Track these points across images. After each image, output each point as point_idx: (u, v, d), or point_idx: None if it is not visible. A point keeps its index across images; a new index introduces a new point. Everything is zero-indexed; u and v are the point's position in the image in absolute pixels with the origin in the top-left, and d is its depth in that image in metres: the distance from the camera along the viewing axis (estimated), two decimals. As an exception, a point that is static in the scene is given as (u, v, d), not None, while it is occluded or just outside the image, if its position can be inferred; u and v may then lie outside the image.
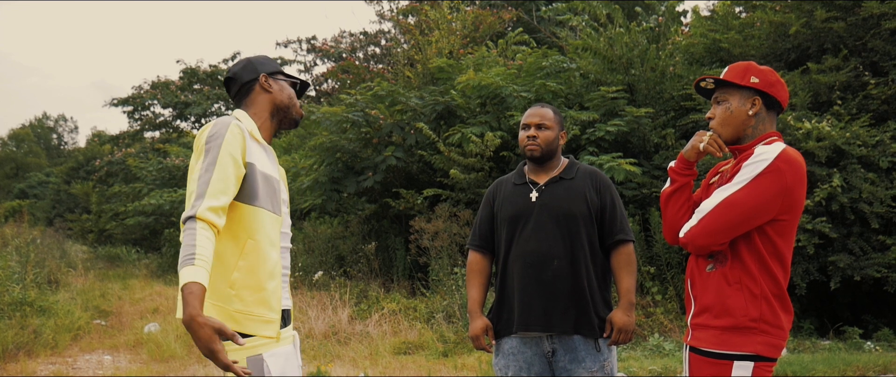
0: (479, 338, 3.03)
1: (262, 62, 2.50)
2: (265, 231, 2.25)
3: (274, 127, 2.48)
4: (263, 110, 2.45)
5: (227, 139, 2.19)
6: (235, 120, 2.30)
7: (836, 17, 9.32)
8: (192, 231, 2.05)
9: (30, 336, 7.63)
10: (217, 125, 2.24)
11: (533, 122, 3.06)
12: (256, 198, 2.24)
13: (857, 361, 6.54)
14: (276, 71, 2.50)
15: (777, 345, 2.33)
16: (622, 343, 2.91)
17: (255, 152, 2.30)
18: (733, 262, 2.37)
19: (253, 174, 2.25)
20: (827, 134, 8.11)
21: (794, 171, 2.34)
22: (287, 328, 2.37)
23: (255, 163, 2.27)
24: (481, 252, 3.13)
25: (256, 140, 2.35)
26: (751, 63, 2.52)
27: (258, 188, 2.25)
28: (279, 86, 2.47)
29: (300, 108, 2.53)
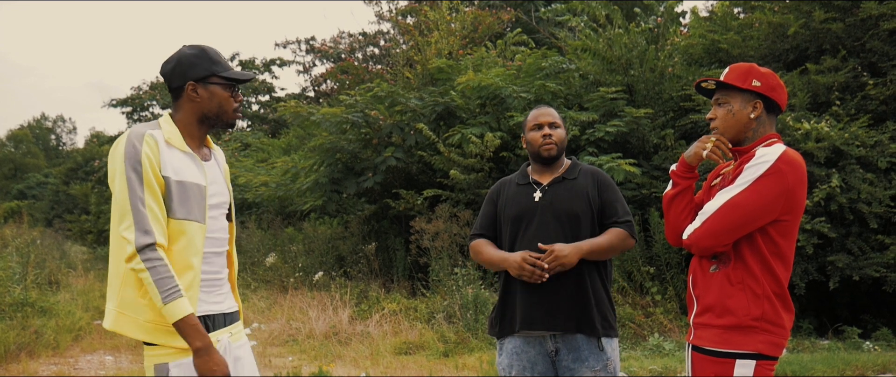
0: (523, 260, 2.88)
1: (194, 64, 2.40)
2: (182, 242, 2.29)
3: (203, 131, 2.46)
4: (190, 117, 2.42)
5: (144, 155, 2.24)
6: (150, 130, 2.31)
7: (834, 17, 9.36)
8: (161, 262, 2.20)
9: (31, 336, 7.64)
10: (130, 140, 2.26)
11: (546, 122, 3.08)
12: (172, 211, 2.28)
13: (856, 361, 6.57)
14: (207, 75, 2.40)
15: (779, 343, 2.36)
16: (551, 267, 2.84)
17: (172, 161, 2.30)
18: (736, 263, 2.40)
19: (168, 186, 2.28)
20: (826, 134, 8.14)
21: (796, 173, 2.37)
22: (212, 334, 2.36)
23: (170, 175, 2.28)
24: (484, 238, 3.14)
25: (176, 147, 2.34)
26: (752, 65, 2.54)
27: (173, 199, 2.28)
28: (209, 93, 2.40)
29: (235, 112, 2.46)
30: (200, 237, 2.34)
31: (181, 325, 2.20)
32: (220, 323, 2.42)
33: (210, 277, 2.41)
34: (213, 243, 2.41)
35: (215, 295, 2.43)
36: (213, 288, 2.42)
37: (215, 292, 2.43)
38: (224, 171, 2.56)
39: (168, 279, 2.19)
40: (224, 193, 2.50)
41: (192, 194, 2.33)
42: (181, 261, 2.28)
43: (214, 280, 2.43)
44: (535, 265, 2.84)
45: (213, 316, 2.40)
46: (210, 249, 2.40)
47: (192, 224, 2.31)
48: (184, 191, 2.30)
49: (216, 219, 2.44)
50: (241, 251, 13.50)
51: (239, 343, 2.51)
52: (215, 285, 2.43)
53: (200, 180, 2.37)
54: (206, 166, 2.43)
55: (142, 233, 2.19)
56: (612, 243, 2.95)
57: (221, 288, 2.47)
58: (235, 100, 2.46)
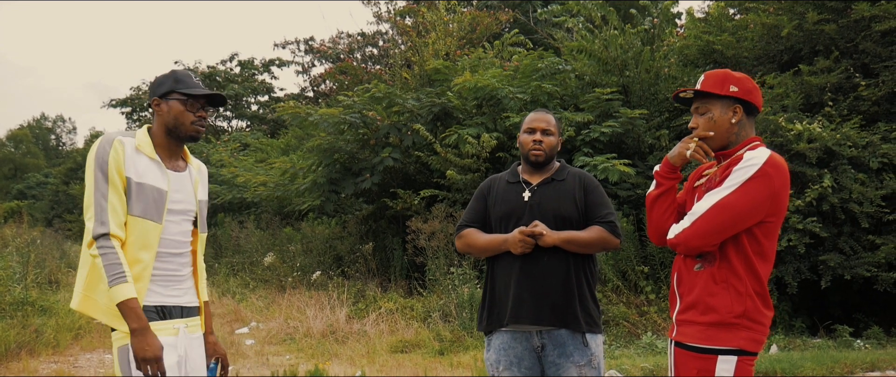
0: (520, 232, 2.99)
1: (160, 83, 2.71)
2: (136, 236, 2.54)
3: (174, 143, 2.73)
4: (159, 129, 2.71)
5: (111, 156, 2.53)
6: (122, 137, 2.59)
7: (827, 19, 9.44)
8: (112, 250, 2.47)
9: (31, 335, 7.72)
10: (102, 143, 2.57)
11: (539, 127, 3.17)
12: (130, 208, 2.55)
13: (845, 359, 6.66)
14: (168, 91, 2.68)
15: (759, 340, 2.44)
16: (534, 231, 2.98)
17: (136, 165, 2.58)
18: (721, 262, 2.48)
19: (129, 186, 2.56)
20: (818, 135, 8.22)
21: (781, 176, 2.45)
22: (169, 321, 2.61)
23: (132, 176, 2.55)
24: (473, 226, 3.23)
25: (144, 154, 2.62)
26: (727, 71, 2.61)
27: (131, 198, 2.55)
28: (168, 106, 2.67)
29: (194, 124, 2.70)
30: (154, 235, 2.58)
31: (122, 307, 2.44)
32: (177, 314, 2.66)
33: (166, 274, 2.64)
34: (170, 244, 2.65)
35: (172, 289, 2.66)
36: (171, 283, 2.66)
37: (173, 287, 2.67)
38: (194, 183, 2.79)
39: (116, 265, 2.45)
40: (189, 202, 2.73)
41: (150, 196, 2.58)
42: (132, 252, 2.54)
43: (170, 277, 2.66)
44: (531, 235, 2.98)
45: (169, 307, 2.64)
46: (166, 249, 2.63)
47: (147, 222, 2.57)
48: (143, 192, 2.57)
49: (176, 223, 2.67)
50: (240, 251, 13.57)
51: (194, 335, 2.73)
52: (173, 281, 2.67)
53: (162, 185, 2.63)
54: (173, 175, 2.69)
55: (99, 223, 2.49)
56: (591, 238, 3.04)
57: (181, 284, 2.70)
58: (196, 115, 2.70)
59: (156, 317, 2.56)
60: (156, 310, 2.58)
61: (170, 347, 2.57)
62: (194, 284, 2.78)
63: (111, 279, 2.44)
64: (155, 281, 2.59)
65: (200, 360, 2.73)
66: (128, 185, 2.55)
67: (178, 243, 2.68)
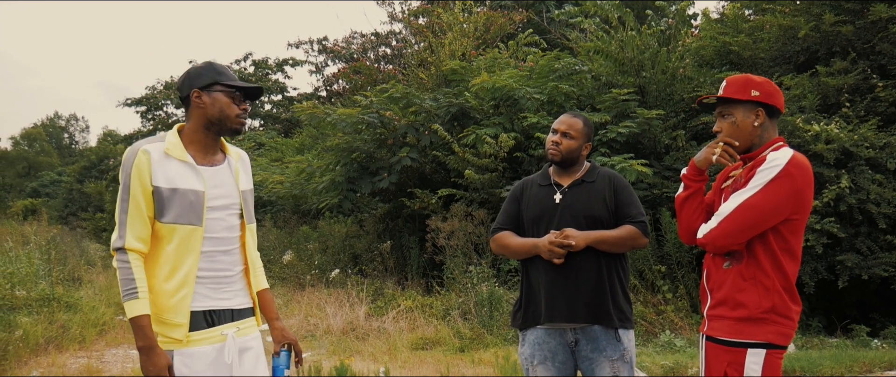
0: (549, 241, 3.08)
1: (200, 74, 2.60)
2: (176, 242, 2.49)
3: (211, 137, 2.62)
4: (197, 123, 2.60)
5: (134, 168, 2.46)
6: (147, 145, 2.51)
7: (844, 20, 9.48)
8: (127, 264, 2.43)
9: (58, 330, 7.85)
10: (128, 154, 2.50)
11: (560, 129, 3.28)
12: (163, 215, 2.48)
13: (863, 358, 6.71)
14: (210, 83, 2.57)
15: (787, 333, 2.54)
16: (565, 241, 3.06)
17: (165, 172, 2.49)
18: (749, 260, 2.57)
19: (159, 194, 2.47)
20: (835, 136, 8.26)
21: (804, 175, 2.54)
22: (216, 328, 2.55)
23: (162, 184, 2.47)
24: (507, 228, 3.32)
25: (174, 157, 2.52)
26: (748, 76, 2.71)
27: (164, 205, 2.47)
28: (211, 99, 2.57)
29: (238, 117, 2.61)
30: (196, 238, 2.51)
31: (132, 323, 2.42)
32: (227, 318, 2.60)
33: (214, 275, 2.58)
34: (215, 243, 2.58)
35: (222, 291, 2.60)
36: (220, 285, 2.59)
37: (223, 289, 2.60)
38: (235, 173, 2.68)
39: (129, 281, 2.41)
40: (231, 196, 2.64)
41: (186, 200, 2.50)
42: (174, 259, 2.49)
43: (221, 277, 2.60)
44: (561, 244, 3.05)
45: (219, 311, 2.58)
46: (213, 248, 2.57)
47: (184, 227, 2.50)
48: (177, 197, 2.49)
49: (220, 219, 2.59)
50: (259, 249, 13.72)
51: (247, 337, 2.67)
52: (223, 282, 2.60)
53: (197, 186, 2.54)
54: (208, 172, 2.59)
55: (118, 237, 2.46)
56: (622, 237, 3.13)
57: (232, 285, 2.63)
58: (239, 107, 2.62)
59: (203, 325, 2.52)
60: (204, 315, 2.53)
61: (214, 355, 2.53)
62: (246, 284, 2.70)
63: (124, 294, 2.41)
64: (202, 283, 2.53)
65: (257, 359, 2.67)
66: (157, 193, 2.48)
67: (225, 240, 2.59)
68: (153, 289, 2.47)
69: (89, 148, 50.37)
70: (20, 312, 7.95)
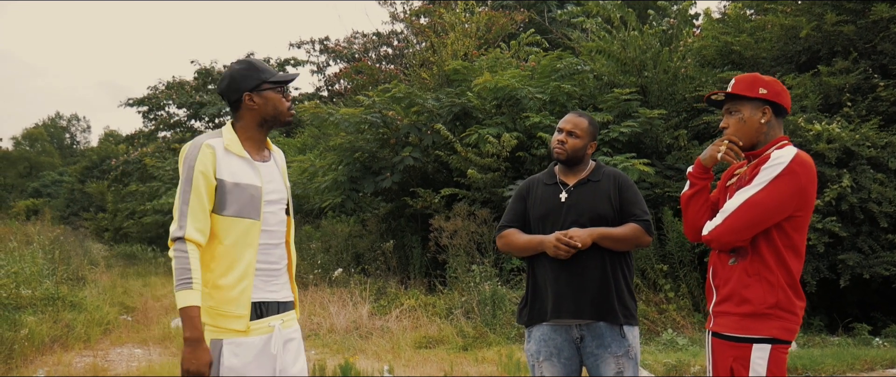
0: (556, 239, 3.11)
1: (245, 76, 2.67)
2: (235, 236, 2.56)
3: (264, 133, 2.73)
4: (250, 123, 2.69)
5: (198, 161, 2.53)
6: (210, 140, 2.59)
7: (845, 20, 9.50)
8: (184, 254, 2.47)
9: (63, 329, 7.91)
10: (191, 148, 2.58)
11: (566, 128, 3.31)
12: (226, 209, 2.55)
13: (865, 356, 6.74)
14: (258, 83, 2.66)
15: (792, 329, 2.57)
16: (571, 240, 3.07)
17: (229, 166, 2.58)
18: (753, 256, 2.61)
19: (222, 188, 2.55)
20: (837, 135, 8.29)
21: (807, 173, 2.58)
22: (265, 319, 2.61)
23: (226, 178, 2.55)
24: (513, 226, 3.35)
25: (234, 153, 2.61)
26: (756, 75, 2.75)
27: (227, 199, 2.55)
28: (263, 99, 2.67)
29: (290, 110, 2.73)
30: (255, 232, 2.59)
31: (182, 312, 2.45)
32: (274, 310, 2.66)
33: (267, 267, 2.65)
34: (269, 236, 2.66)
35: (272, 284, 2.67)
36: (271, 277, 2.66)
37: (272, 282, 2.67)
38: (281, 169, 2.80)
39: (185, 270, 2.45)
40: (281, 191, 2.74)
41: (246, 194, 2.58)
42: (233, 253, 2.55)
43: (272, 270, 2.67)
44: (567, 243, 3.07)
45: (268, 303, 2.64)
46: (267, 241, 2.64)
47: (244, 220, 2.57)
48: (239, 191, 2.57)
49: (273, 214, 2.68)
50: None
51: (290, 329, 2.73)
52: (273, 275, 2.67)
53: (256, 181, 2.63)
54: (262, 168, 2.68)
55: (177, 227, 2.50)
56: (626, 234, 3.17)
57: (279, 278, 2.71)
58: (286, 99, 2.73)
59: (254, 315, 2.58)
60: (255, 307, 2.59)
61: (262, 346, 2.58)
62: (289, 278, 2.78)
63: (178, 283, 2.44)
64: (258, 275, 2.60)
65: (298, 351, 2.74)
66: (221, 186, 2.55)
67: (276, 234, 2.69)
68: (209, 283, 2.53)
69: (91, 148, 50.47)
70: (25, 311, 8.00)
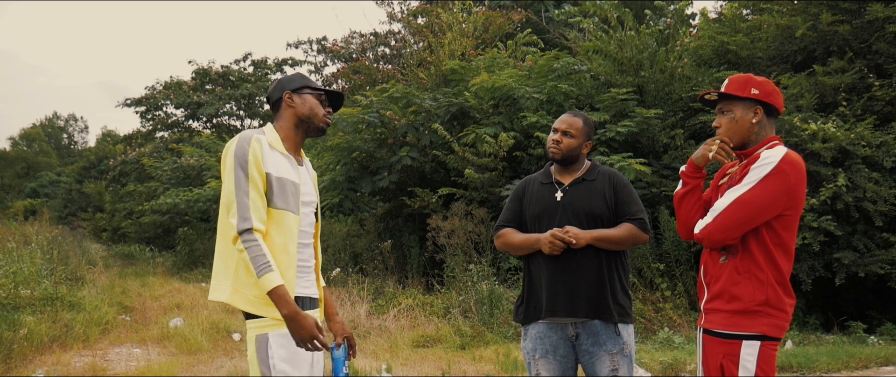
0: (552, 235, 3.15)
1: (291, 79, 2.85)
2: (281, 228, 2.65)
3: (300, 136, 2.84)
4: (288, 123, 2.81)
5: (250, 154, 2.63)
6: (257, 135, 2.70)
7: (841, 20, 9.55)
8: (256, 242, 2.56)
9: (61, 329, 7.91)
10: (241, 142, 2.67)
11: (560, 128, 3.35)
12: (273, 201, 2.65)
13: (860, 354, 6.79)
14: (301, 86, 2.83)
15: (781, 326, 2.61)
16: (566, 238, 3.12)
17: (273, 161, 2.68)
18: (743, 254, 2.65)
19: (270, 181, 2.65)
20: (832, 135, 8.34)
21: (797, 172, 2.62)
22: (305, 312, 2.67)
23: (271, 171, 2.65)
24: (510, 226, 3.39)
25: (277, 150, 2.72)
26: (749, 75, 2.79)
27: (274, 192, 2.65)
28: (302, 100, 2.80)
29: (325, 117, 2.85)
30: (295, 226, 2.71)
31: (272, 295, 2.53)
32: (308, 305, 2.78)
33: (302, 264, 2.76)
34: (303, 235, 2.77)
35: (304, 280, 2.78)
36: (304, 273, 2.78)
37: (304, 277, 2.78)
38: (313, 176, 2.93)
39: (261, 257, 2.54)
40: (312, 194, 2.86)
41: (289, 189, 2.70)
42: (278, 244, 2.64)
43: (305, 267, 2.78)
44: (561, 239, 3.12)
45: (303, 298, 2.75)
46: (301, 240, 2.75)
47: (288, 214, 2.68)
48: (282, 185, 2.68)
49: (306, 214, 2.80)
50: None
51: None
52: (305, 271, 2.78)
53: (295, 178, 2.74)
54: (299, 169, 2.81)
55: (242, 219, 2.57)
56: (622, 235, 3.21)
57: (310, 275, 2.82)
58: (324, 108, 2.86)
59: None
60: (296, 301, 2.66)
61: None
62: (317, 277, 2.88)
63: (259, 270, 2.52)
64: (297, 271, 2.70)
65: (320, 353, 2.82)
66: (268, 180, 2.64)
67: (308, 234, 2.80)
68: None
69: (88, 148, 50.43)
70: (24, 311, 8.01)
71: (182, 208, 16.80)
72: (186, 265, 16.15)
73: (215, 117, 25.07)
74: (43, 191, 43.35)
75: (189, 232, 17.20)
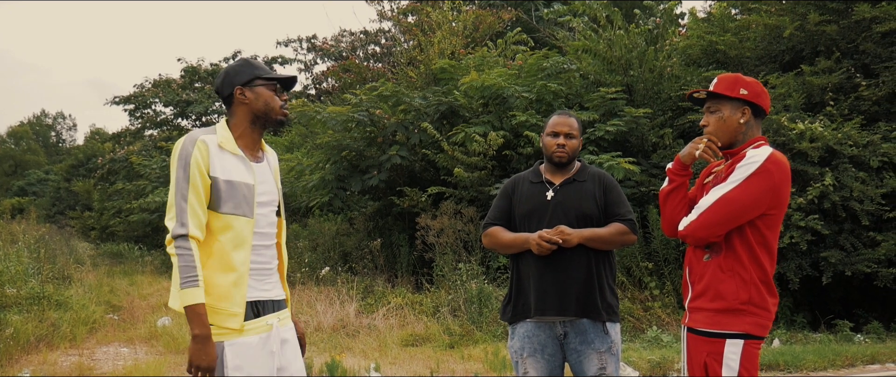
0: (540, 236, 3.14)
1: (238, 72, 2.67)
2: (230, 234, 2.54)
3: (257, 132, 2.70)
4: (243, 119, 2.67)
5: (193, 157, 2.51)
6: (204, 135, 2.57)
7: (828, 20, 9.60)
8: (188, 251, 2.46)
9: (48, 329, 7.87)
10: (185, 143, 2.55)
11: (563, 131, 3.34)
12: (220, 206, 2.53)
13: (846, 352, 6.83)
14: (251, 79, 2.66)
15: (764, 325, 2.62)
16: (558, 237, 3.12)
17: (222, 164, 2.56)
18: (727, 252, 2.66)
19: (216, 185, 2.53)
20: (820, 134, 8.38)
21: (781, 172, 2.63)
22: (262, 318, 2.61)
23: (219, 175, 2.54)
24: (498, 224, 3.39)
25: (227, 150, 2.59)
26: (738, 75, 2.80)
27: (221, 196, 2.53)
28: (254, 94, 2.64)
29: (282, 108, 2.69)
30: (248, 230, 2.59)
31: (189, 311, 2.44)
32: (270, 308, 2.67)
33: (259, 267, 2.64)
34: (261, 237, 2.65)
35: (264, 283, 2.67)
36: (263, 276, 2.67)
37: (265, 280, 2.67)
38: (274, 171, 2.79)
39: (190, 268, 2.44)
40: (273, 192, 2.73)
41: (239, 192, 2.57)
42: (228, 250, 2.54)
43: (264, 269, 2.67)
44: (549, 240, 3.12)
45: (263, 302, 2.65)
46: (259, 242, 2.64)
47: (239, 218, 2.57)
48: (232, 189, 2.56)
49: (264, 215, 2.67)
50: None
51: (286, 327, 2.74)
52: (264, 274, 2.67)
53: (249, 180, 2.61)
54: (256, 167, 2.67)
55: (179, 224, 2.47)
56: (612, 235, 3.22)
57: (270, 277, 2.70)
58: (280, 98, 2.71)
59: (251, 315, 2.58)
60: (251, 306, 2.59)
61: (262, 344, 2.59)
62: (280, 277, 2.78)
63: (183, 281, 2.43)
64: (252, 275, 2.60)
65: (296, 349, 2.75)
66: (215, 184, 2.53)
67: (267, 235, 2.68)
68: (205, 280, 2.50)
69: (77, 146, 50.12)
70: (10, 310, 7.97)
71: (171, 207, 16.68)
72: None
73: (204, 115, 24.95)
74: (31, 189, 43.07)
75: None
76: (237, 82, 2.66)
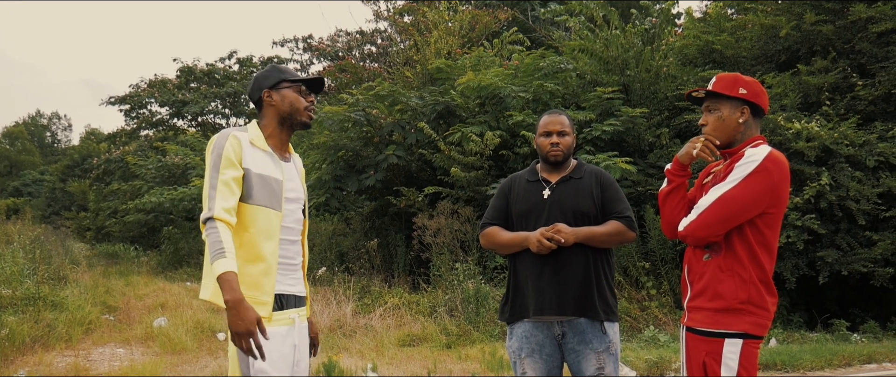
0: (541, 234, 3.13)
1: (266, 76, 2.81)
2: (260, 225, 2.62)
3: (286, 132, 2.82)
4: (271, 121, 2.79)
5: (225, 148, 2.61)
6: (237, 132, 2.69)
7: (825, 20, 9.62)
8: (215, 229, 2.51)
9: (44, 329, 7.83)
10: (219, 138, 2.67)
11: (555, 130, 3.33)
12: (251, 197, 2.62)
13: (843, 351, 6.84)
14: (278, 81, 2.79)
15: (763, 324, 2.61)
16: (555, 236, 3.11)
17: (253, 158, 2.67)
18: (727, 252, 2.65)
19: (249, 177, 2.63)
20: (816, 134, 8.39)
21: (780, 170, 2.62)
22: (285, 311, 2.67)
23: (251, 167, 2.64)
24: (496, 224, 3.38)
25: (258, 147, 2.70)
26: (737, 74, 2.79)
27: (252, 188, 2.62)
28: (281, 96, 2.77)
29: (307, 110, 2.81)
30: (277, 223, 2.67)
31: (220, 280, 2.44)
32: (292, 303, 2.73)
33: (285, 261, 2.72)
34: (287, 231, 2.73)
35: (289, 277, 2.73)
36: (288, 271, 2.73)
37: (290, 275, 2.74)
38: (300, 173, 2.90)
39: (217, 243, 2.48)
40: (299, 191, 2.83)
41: (269, 185, 2.67)
42: (259, 241, 2.61)
43: (289, 264, 2.74)
44: (550, 239, 3.11)
45: (287, 296, 2.70)
46: (285, 236, 2.72)
47: (268, 210, 2.64)
48: (263, 181, 2.65)
49: (292, 211, 2.76)
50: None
51: (304, 324, 2.81)
52: (290, 269, 2.74)
53: (278, 175, 2.71)
54: (284, 166, 2.78)
55: (207, 210, 2.55)
56: (610, 232, 3.21)
57: (295, 272, 2.77)
58: (306, 100, 2.82)
59: (275, 307, 2.62)
60: (277, 299, 2.64)
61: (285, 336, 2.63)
62: (303, 275, 2.84)
63: (213, 255, 2.45)
64: (278, 268, 2.65)
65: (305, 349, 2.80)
66: (247, 175, 2.62)
67: (294, 231, 2.76)
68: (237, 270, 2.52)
69: (72, 146, 50.02)
70: (6, 311, 7.93)
71: (167, 207, 16.70)
72: (171, 264, 16.05)
73: (200, 116, 24.91)
74: (26, 189, 42.96)
75: (174, 231, 17.10)
76: (265, 86, 2.79)
